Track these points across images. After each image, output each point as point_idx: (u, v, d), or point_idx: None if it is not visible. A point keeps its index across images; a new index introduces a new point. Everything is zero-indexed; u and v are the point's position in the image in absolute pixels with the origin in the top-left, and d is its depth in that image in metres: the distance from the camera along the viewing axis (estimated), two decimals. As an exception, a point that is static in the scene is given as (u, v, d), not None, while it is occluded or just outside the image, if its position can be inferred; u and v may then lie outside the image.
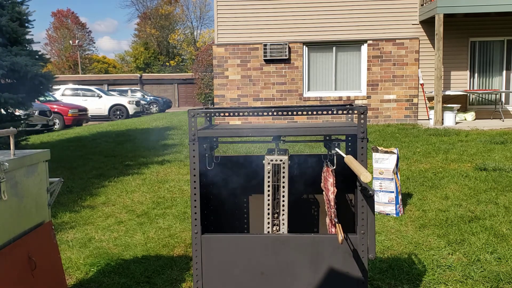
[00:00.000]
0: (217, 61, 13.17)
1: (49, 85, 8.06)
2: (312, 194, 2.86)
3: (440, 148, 8.45)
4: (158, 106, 28.63)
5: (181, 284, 3.47)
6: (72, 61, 54.62)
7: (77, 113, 17.37)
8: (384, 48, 12.79)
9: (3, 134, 2.37)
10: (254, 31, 13.02)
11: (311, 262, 2.32)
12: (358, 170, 1.94)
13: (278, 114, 2.46)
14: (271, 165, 2.45)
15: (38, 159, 2.55)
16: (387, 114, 12.96)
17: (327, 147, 2.60)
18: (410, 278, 3.44)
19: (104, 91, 24.87)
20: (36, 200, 2.56)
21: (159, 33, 54.85)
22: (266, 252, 2.35)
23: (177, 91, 39.08)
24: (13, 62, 6.94)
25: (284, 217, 2.49)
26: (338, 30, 12.87)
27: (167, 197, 5.96)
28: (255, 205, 2.86)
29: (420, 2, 12.63)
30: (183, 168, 7.52)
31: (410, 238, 4.26)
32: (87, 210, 5.47)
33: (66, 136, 12.52)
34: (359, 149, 2.27)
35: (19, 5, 7.87)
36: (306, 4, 12.87)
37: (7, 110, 7.87)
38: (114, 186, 6.57)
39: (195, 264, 2.38)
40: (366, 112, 2.26)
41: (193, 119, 2.31)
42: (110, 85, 36.18)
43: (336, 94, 13.07)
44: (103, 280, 3.55)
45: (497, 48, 13.24)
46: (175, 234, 4.57)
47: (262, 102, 13.01)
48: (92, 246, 4.29)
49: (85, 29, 59.20)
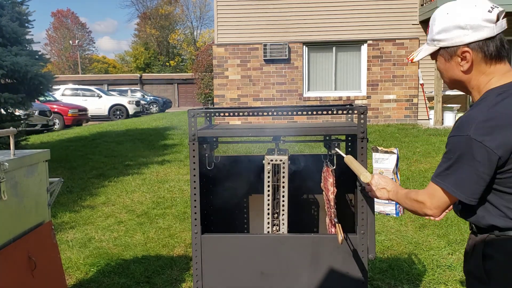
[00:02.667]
0: (217, 61, 13.17)
1: (49, 85, 8.06)
2: (312, 194, 2.86)
3: (440, 148, 8.45)
4: (158, 106, 28.61)
5: (181, 284, 3.47)
6: (72, 61, 54.62)
7: (77, 113, 17.35)
8: (384, 48, 12.79)
9: (3, 134, 2.37)
10: (254, 31, 13.01)
11: (311, 262, 2.32)
12: (358, 170, 1.94)
13: (278, 114, 2.46)
14: (271, 165, 2.45)
15: (38, 159, 2.55)
16: (387, 114, 12.96)
17: (327, 147, 2.60)
18: (410, 278, 3.44)
19: (104, 91, 24.85)
20: (36, 200, 2.56)
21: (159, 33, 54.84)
22: (266, 252, 2.35)
23: (177, 91, 39.06)
24: (13, 62, 6.94)
25: (284, 217, 2.49)
26: (338, 30, 12.86)
27: (167, 197, 5.96)
28: (255, 205, 2.86)
29: (420, 2, 12.63)
30: (183, 168, 7.52)
31: (410, 238, 4.26)
32: (87, 210, 5.46)
33: (66, 136, 12.52)
34: (359, 149, 2.27)
35: (19, 5, 7.87)
36: (306, 4, 12.86)
37: (7, 110, 7.87)
38: (114, 186, 6.57)
39: (195, 264, 2.38)
40: (366, 112, 2.25)
41: (193, 119, 2.31)
42: (110, 85, 36.16)
43: (336, 94, 13.06)
44: (103, 280, 3.55)
45: (497, 48, 13.22)
46: (175, 234, 4.57)
47: (262, 102, 13.01)
48: (92, 246, 4.28)
49: (85, 29, 59.23)
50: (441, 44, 1.54)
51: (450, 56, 1.54)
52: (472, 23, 1.46)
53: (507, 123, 1.38)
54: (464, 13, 1.47)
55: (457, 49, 1.51)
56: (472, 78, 1.53)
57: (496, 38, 1.48)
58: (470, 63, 1.50)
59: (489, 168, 1.38)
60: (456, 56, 1.52)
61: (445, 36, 1.52)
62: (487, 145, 1.36)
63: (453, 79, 1.58)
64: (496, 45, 1.48)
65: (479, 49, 1.48)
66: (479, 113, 1.41)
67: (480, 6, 1.46)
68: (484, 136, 1.37)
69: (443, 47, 1.54)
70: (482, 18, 1.45)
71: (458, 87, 1.60)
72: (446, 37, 1.52)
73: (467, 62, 1.50)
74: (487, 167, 1.38)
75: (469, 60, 1.50)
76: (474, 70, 1.51)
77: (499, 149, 1.36)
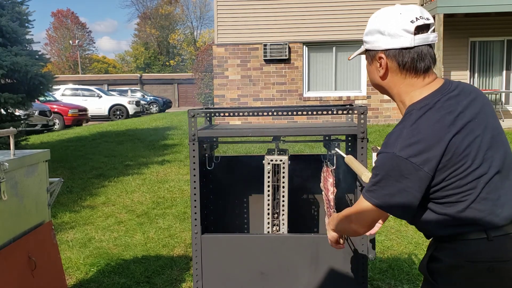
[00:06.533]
0: (217, 61, 13.17)
1: (49, 85, 8.06)
2: (312, 194, 2.86)
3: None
4: (158, 106, 28.60)
5: (181, 284, 3.47)
6: (72, 61, 54.59)
7: (77, 113, 17.34)
8: (384, 48, 12.79)
9: (3, 134, 2.37)
10: (254, 31, 13.01)
11: (311, 262, 2.32)
12: (359, 170, 1.94)
13: (278, 114, 2.46)
14: (271, 165, 2.45)
15: (38, 159, 2.55)
16: (387, 114, 12.96)
17: (327, 147, 2.60)
18: (410, 278, 3.44)
19: (104, 91, 24.83)
20: (36, 200, 2.56)
21: (159, 33, 54.83)
22: (266, 252, 2.35)
23: (177, 91, 39.06)
24: (13, 62, 6.94)
25: (284, 217, 2.49)
26: (338, 30, 12.86)
27: (167, 197, 5.96)
28: (255, 205, 2.86)
29: (420, 2, 12.62)
30: (183, 168, 7.52)
31: (410, 238, 4.26)
32: (87, 210, 5.46)
33: (66, 136, 12.52)
34: (359, 149, 2.27)
35: (19, 5, 7.87)
36: (306, 4, 12.86)
37: (7, 110, 7.87)
38: (114, 186, 6.57)
39: (195, 264, 2.38)
40: (366, 112, 2.26)
41: (193, 119, 2.31)
42: (110, 85, 36.14)
43: (336, 94, 13.06)
44: (103, 280, 3.55)
45: (497, 48, 13.23)
46: (175, 234, 4.57)
47: (262, 102, 13.00)
48: (92, 246, 4.28)
49: (85, 29, 59.18)
50: (366, 46, 1.55)
51: (371, 59, 1.55)
52: (390, 30, 1.45)
53: (430, 138, 1.36)
54: (386, 19, 1.46)
55: (376, 54, 1.51)
56: (391, 86, 1.52)
57: (414, 50, 1.44)
58: (385, 69, 1.50)
59: (419, 184, 1.36)
60: (375, 60, 1.52)
61: (369, 39, 1.52)
62: (413, 161, 1.35)
63: (374, 83, 1.59)
64: (412, 57, 1.45)
65: (393, 57, 1.47)
66: (404, 129, 1.40)
67: (404, 14, 1.44)
68: (409, 153, 1.35)
69: (367, 49, 1.55)
70: (401, 27, 1.43)
71: (383, 91, 1.60)
72: (369, 40, 1.52)
73: (382, 68, 1.50)
74: (416, 183, 1.36)
75: (383, 66, 1.49)
76: (390, 77, 1.51)
77: (425, 165, 1.35)
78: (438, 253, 1.47)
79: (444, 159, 1.36)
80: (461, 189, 1.38)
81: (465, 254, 1.41)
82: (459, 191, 1.38)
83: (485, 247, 1.39)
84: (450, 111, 1.40)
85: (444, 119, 1.39)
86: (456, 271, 1.42)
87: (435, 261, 1.48)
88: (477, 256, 1.40)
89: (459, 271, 1.42)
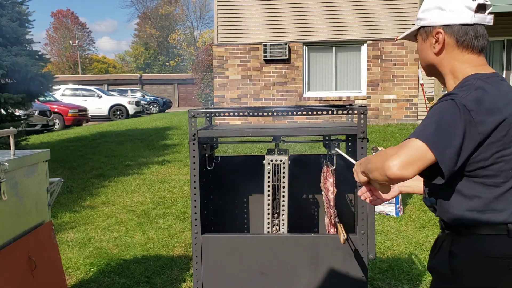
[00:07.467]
0: (217, 61, 13.17)
1: (49, 85, 8.06)
2: (312, 194, 2.86)
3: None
4: (158, 106, 28.60)
5: (181, 284, 3.47)
6: (72, 61, 54.59)
7: (77, 113, 17.34)
8: (384, 48, 12.79)
9: (3, 134, 2.37)
10: (254, 31, 13.01)
11: (311, 262, 2.32)
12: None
13: (278, 114, 2.45)
14: (271, 165, 2.45)
15: (38, 159, 2.55)
16: (387, 114, 12.96)
17: (327, 147, 2.60)
18: (410, 278, 3.44)
19: (104, 91, 24.83)
20: (36, 200, 2.56)
21: (159, 33, 54.86)
22: (266, 252, 2.35)
23: (177, 91, 39.06)
24: (13, 62, 6.94)
25: (284, 217, 2.49)
26: (338, 30, 12.86)
27: (167, 197, 5.96)
28: (255, 205, 2.86)
29: (420, 2, 12.63)
30: (183, 168, 7.52)
31: (410, 238, 4.26)
32: (87, 210, 5.46)
33: (66, 136, 12.52)
34: (359, 149, 2.27)
35: (19, 5, 7.87)
36: (306, 4, 12.86)
37: (7, 110, 7.86)
38: (114, 186, 6.56)
39: (195, 264, 2.38)
40: (366, 112, 2.25)
41: (193, 119, 2.31)
42: (110, 85, 36.14)
43: (336, 94, 13.06)
44: (103, 280, 3.55)
45: (497, 48, 13.23)
46: (175, 234, 4.57)
47: (262, 102, 13.00)
48: (92, 246, 4.28)
49: (85, 29, 59.18)
50: (421, 23, 1.56)
51: (426, 36, 1.55)
52: (452, 6, 1.47)
53: (492, 104, 1.35)
54: None
55: (433, 29, 1.52)
56: (444, 63, 1.52)
57: (473, 27, 1.46)
58: (442, 44, 1.50)
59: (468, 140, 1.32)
60: (431, 37, 1.53)
61: (426, 15, 1.54)
62: (473, 116, 1.33)
63: (426, 61, 1.58)
64: (471, 35, 1.47)
65: (453, 33, 1.48)
66: (466, 91, 1.39)
67: None
68: (471, 106, 1.34)
69: (422, 26, 1.55)
70: (462, 3, 1.46)
71: (433, 72, 1.59)
72: (426, 16, 1.54)
73: (439, 44, 1.50)
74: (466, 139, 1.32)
75: (441, 41, 1.50)
76: (445, 53, 1.51)
77: (480, 126, 1.33)
78: (455, 248, 1.45)
79: (497, 133, 1.35)
80: (506, 173, 1.37)
81: (485, 249, 1.40)
82: (503, 175, 1.37)
83: (505, 244, 1.38)
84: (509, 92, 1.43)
85: (507, 95, 1.41)
86: (476, 267, 1.41)
87: (454, 256, 1.46)
88: (496, 252, 1.39)
89: (479, 267, 1.40)
